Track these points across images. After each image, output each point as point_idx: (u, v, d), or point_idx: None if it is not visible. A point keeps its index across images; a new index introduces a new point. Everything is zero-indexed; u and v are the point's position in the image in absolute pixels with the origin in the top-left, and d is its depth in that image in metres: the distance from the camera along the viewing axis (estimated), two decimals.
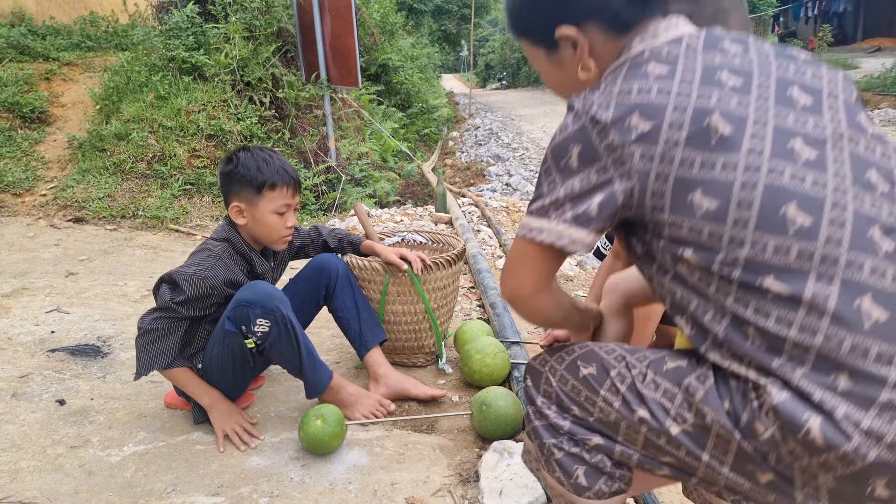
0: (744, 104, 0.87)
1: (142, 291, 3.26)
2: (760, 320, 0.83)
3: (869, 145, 0.89)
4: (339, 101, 6.74)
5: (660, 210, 0.90)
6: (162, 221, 4.68)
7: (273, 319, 1.76)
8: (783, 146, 0.84)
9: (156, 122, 5.35)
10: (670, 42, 0.96)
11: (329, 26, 5.68)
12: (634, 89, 0.90)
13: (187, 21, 5.82)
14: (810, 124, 0.87)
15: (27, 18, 7.45)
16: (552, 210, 0.94)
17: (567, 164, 0.93)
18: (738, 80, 0.89)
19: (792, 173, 0.83)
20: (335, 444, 1.78)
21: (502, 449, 1.72)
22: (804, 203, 0.82)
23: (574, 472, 1.04)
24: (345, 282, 2.15)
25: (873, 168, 0.86)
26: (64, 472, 1.71)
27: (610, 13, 0.99)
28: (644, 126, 0.87)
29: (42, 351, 2.48)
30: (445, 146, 11.46)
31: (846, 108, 0.92)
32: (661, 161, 0.87)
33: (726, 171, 0.84)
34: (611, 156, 0.90)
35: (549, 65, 1.10)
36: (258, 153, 1.86)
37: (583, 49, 1.02)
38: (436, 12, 23.23)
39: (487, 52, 45.45)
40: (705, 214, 0.85)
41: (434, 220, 4.75)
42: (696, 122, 0.86)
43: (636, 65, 0.94)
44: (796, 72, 0.93)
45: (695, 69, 0.90)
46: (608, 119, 0.89)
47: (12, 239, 4.14)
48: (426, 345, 2.36)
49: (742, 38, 0.97)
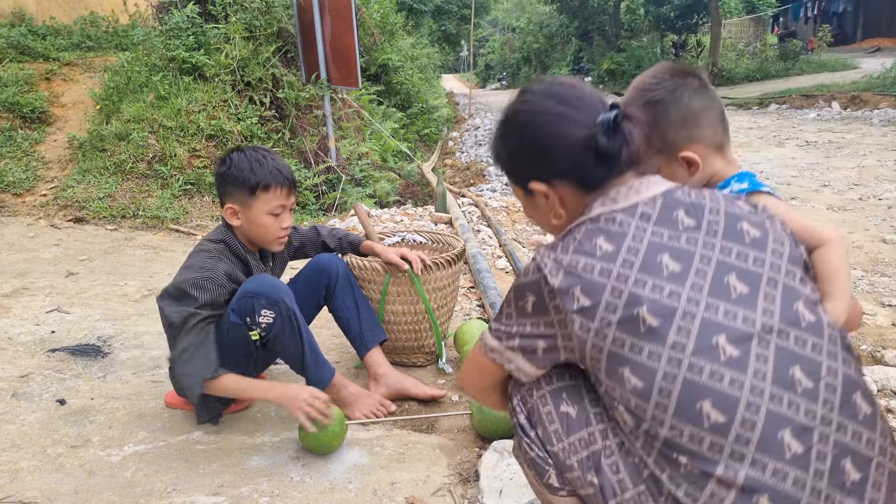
0: (676, 295, 0.92)
1: (142, 291, 3.26)
2: (672, 487, 0.90)
3: (800, 338, 0.91)
4: (339, 102, 6.74)
5: (597, 371, 0.99)
6: (162, 221, 4.68)
7: (277, 311, 1.77)
8: (707, 342, 0.89)
9: (156, 122, 5.35)
10: (626, 210, 1.01)
11: (329, 26, 5.68)
12: (581, 264, 0.97)
13: (187, 21, 5.82)
14: (740, 318, 0.91)
15: (27, 18, 7.45)
16: (506, 338, 1.07)
17: (523, 307, 1.03)
18: (677, 266, 0.94)
19: (711, 371, 0.88)
20: (335, 443, 1.78)
21: (502, 449, 1.73)
22: (719, 402, 0.87)
23: (546, 474, 1.08)
24: (345, 282, 2.15)
25: (798, 365, 0.89)
26: (64, 472, 1.71)
27: (577, 176, 1.06)
28: (584, 301, 0.95)
29: (42, 351, 2.48)
30: (445, 146, 11.46)
31: (784, 295, 0.94)
32: (597, 335, 0.95)
33: (651, 359, 0.91)
34: (557, 316, 0.99)
35: (526, 203, 1.18)
36: (252, 154, 1.83)
37: (554, 202, 1.10)
38: (436, 12, 23.22)
39: (487, 52, 45.46)
40: (633, 389, 0.93)
41: (434, 220, 4.75)
42: (628, 308, 0.92)
43: (589, 234, 1.00)
44: (738, 255, 0.96)
45: (638, 250, 0.96)
46: (556, 285, 0.97)
47: (12, 239, 4.14)
48: (426, 345, 2.37)
49: (698, 207, 1.00)
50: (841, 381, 0.90)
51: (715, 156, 1.32)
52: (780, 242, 0.99)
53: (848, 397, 0.89)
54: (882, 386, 2.17)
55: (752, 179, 1.29)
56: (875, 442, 0.88)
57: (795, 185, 5.62)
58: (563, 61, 28.91)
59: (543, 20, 31.04)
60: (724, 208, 1.01)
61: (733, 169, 1.33)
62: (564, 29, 28.50)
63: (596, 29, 26.13)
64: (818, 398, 0.87)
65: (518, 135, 1.11)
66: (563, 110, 1.05)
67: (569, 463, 1.04)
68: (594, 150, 1.02)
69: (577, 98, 1.07)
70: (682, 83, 1.28)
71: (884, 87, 11.00)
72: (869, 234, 4.10)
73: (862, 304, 2.93)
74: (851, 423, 0.88)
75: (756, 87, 15.86)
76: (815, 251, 1.10)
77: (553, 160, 1.07)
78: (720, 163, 1.32)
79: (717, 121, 1.31)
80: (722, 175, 1.32)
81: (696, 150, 1.28)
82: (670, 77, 1.29)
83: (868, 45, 21.17)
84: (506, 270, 3.62)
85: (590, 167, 1.04)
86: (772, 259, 0.97)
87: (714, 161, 1.32)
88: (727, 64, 19.08)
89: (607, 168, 1.04)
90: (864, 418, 0.89)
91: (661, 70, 1.32)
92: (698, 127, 1.29)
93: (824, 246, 1.11)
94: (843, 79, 13.50)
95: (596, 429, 1.03)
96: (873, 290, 3.14)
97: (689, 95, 1.27)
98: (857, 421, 0.88)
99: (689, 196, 1.02)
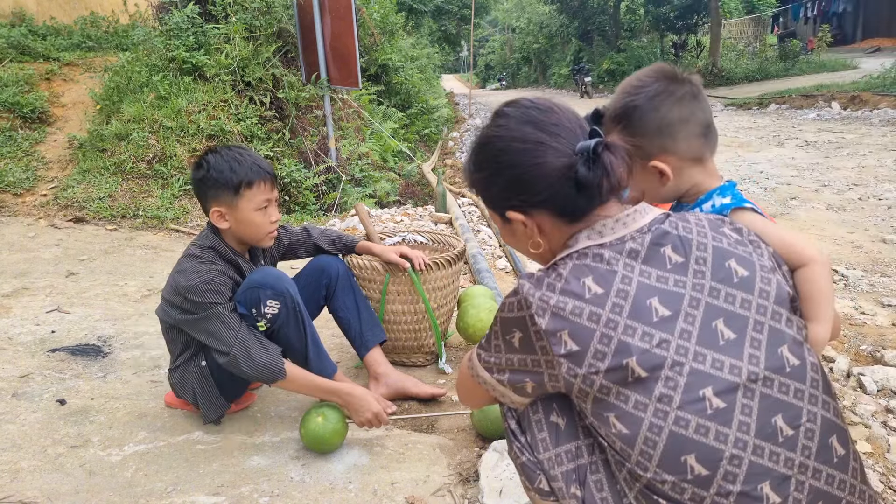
0: (665, 343, 0.91)
1: (142, 291, 3.26)
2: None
3: (783, 384, 0.93)
4: (339, 102, 6.75)
5: (583, 408, 0.99)
6: (162, 221, 4.68)
7: (283, 301, 1.78)
8: (695, 394, 0.90)
9: (156, 122, 5.35)
10: (613, 245, 0.98)
11: (329, 27, 5.69)
12: (569, 307, 0.94)
13: (188, 21, 5.82)
14: (726, 368, 0.92)
15: (27, 19, 7.46)
16: (496, 371, 1.06)
17: (510, 341, 1.02)
18: (666, 311, 0.93)
19: (697, 425, 0.89)
20: (336, 441, 1.78)
21: (502, 449, 1.73)
22: (704, 456, 0.89)
23: (537, 479, 1.07)
24: (345, 282, 2.15)
25: (780, 414, 0.91)
26: (64, 472, 1.71)
27: (556, 206, 1.02)
28: (572, 346, 0.94)
29: (42, 351, 2.48)
30: (445, 146, 11.45)
31: (770, 339, 0.95)
32: (584, 381, 0.94)
33: (637, 409, 0.91)
34: (544, 356, 0.97)
35: (504, 229, 1.15)
36: (227, 153, 1.80)
37: (532, 231, 1.07)
38: (436, 13, 23.22)
39: (487, 52, 45.46)
40: (618, 434, 0.93)
41: (434, 220, 4.75)
42: (617, 357, 0.91)
43: (577, 271, 0.97)
44: (727, 298, 0.96)
45: (627, 293, 0.94)
46: (543, 327, 0.95)
47: (13, 239, 4.14)
48: (426, 344, 2.37)
49: (686, 242, 0.98)
50: (819, 424, 0.93)
51: (693, 168, 1.29)
52: (767, 281, 0.98)
53: (825, 441, 0.93)
54: (882, 386, 2.17)
55: (736, 193, 1.27)
56: (846, 482, 0.93)
57: (795, 185, 5.62)
58: (563, 61, 28.89)
59: (543, 20, 31.04)
60: (712, 242, 0.99)
61: (715, 181, 1.30)
62: (564, 29, 28.49)
63: (596, 29, 26.14)
64: (797, 446, 0.91)
65: (493, 162, 1.05)
66: (541, 137, 1.00)
67: (553, 473, 1.04)
68: (574, 180, 0.98)
69: (555, 124, 1.02)
70: (666, 90, 1.24)
71: (883, 87, 10.99)
72: (869, 234, 4.11)
73: (862, 303, 2.94)
74: (826, 468, 0.92)
75: (756, 88, 15.85)
76: (798, 270, 1.10)
77: (530, 190, 1.02)
78: (699, 175, 1.29)
79: (696, 134, 1.27)
80: (703, 187, 1.29)
81: (668, 162, 1.26)
82: (656, 82, 1.25)
83: (868, 45, 21.17)
84: (506, 270, 3.62)
85: (569, 197, 1.00)
86: (759, 301, 0.97)
87: (692, 173, 1.29)
88: (727, 64, 19.07)
89: (588, 198, 1.00)
90: (838, 460, 0.94)
91: (650, 73, 1.28)
92: (673, 139, 1.25)
93: (808, 266, 1.10)
94: (842, 79, 13.49)
95: (583, 443, 1.03)
96: (873, 290, 3.14)
97: (668, 105, 1.24)
98: (831, 465, 0.93)
99: (676, 228, 1.00)
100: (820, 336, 1.05)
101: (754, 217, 1.22)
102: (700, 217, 1.05)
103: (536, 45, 32.54)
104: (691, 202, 1.31)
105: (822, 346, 1.06)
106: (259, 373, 1.73)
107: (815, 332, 1.05)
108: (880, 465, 1.76)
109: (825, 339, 1.06)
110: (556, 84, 29.34)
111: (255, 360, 1.72)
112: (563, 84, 28.09)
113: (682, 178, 1.29)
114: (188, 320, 1.77)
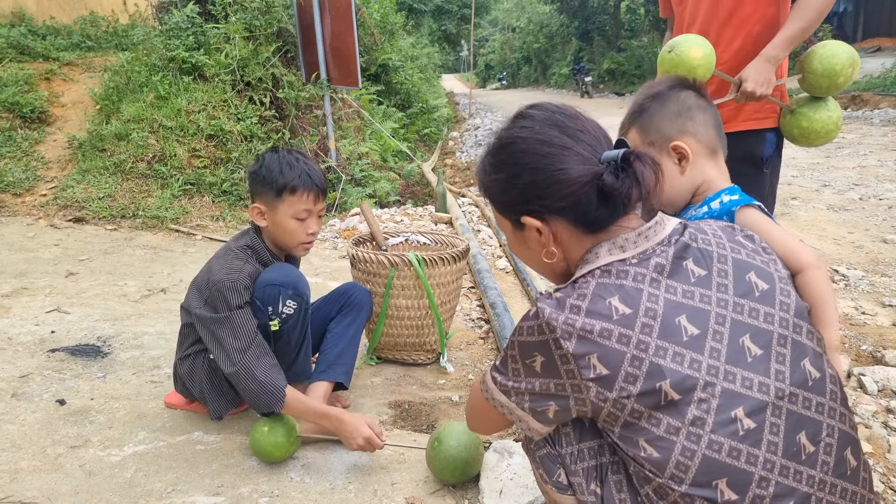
0: (696, 364, 0.90)
1: (142, 291, 3.26)
2: None
3: (807, 399, 0.94)
4: (339, 101, 6.74)
5: (609, 431, 0.97)
6: (162, 221, 4.68)
7: (300, 303, 1.78)
8: (727, 414, 0.89)
9: (156, 122, 5.34)
10: (638, 261, 0.96)
11: (329, 26, 5.69)
12: (597, 329, 0.91)
13: (187, 21, 5.81)
14: (755, 386, 0.91)
15: (27, 18, 7.45)
16: (515, 395, 1.02)
17: (531, 365, 0.97)
18: (695, 329, 0.92)
19: (730, 448, 0.89)
20: (277, 454, 1.72)
21: (502, 449, 1.72)
22: (734, 480, 0.88)
23: (556, 472, 1.07)
24: (358, 311, 2.08)
25: (804, 431, 0.92)
26: (64, 472, 1.71)
27: (577, 215, 0.99)
28: (602, 370, 0.91)
29: (42, 351, 2.48)
30: (445, 146, 11.45)
31: (793, 353, 0.95)
32: (615, 405, 0.92)
33: (669, 432, 0.90)
34: (570, 380, 0.94)
35: (514, 237, 1.10)
36: (284, 156, 1.80)
37: (547, 239, 1.02)
38: (436, 12, 23.23)
39: (487, 52, 45.46)
40: (648, 458, 0.92)
41: (434, 220, 4.75)
42: (649, 380, 0.89)
43: (602, 290, 0.93)
44: (751, 313, 0.95)
45: (656, 312, 0.91)
46: (570, 350, 0.92)
47: (12, 239, 4.14)
48: (428, 342, 2.36)
49: (706, 254, 0.98)
50: (837, 438, 0.94)
51: (708, 160, 1.33)
52: (787, 294, 0.99)
53: (840, 455, 0.94)
54: (882, 386, 2.17)
55: (743, 192, 1.31)
56: (857, 494, 0.95)
57: (796, 185, 5.62)
58: (563, 61, 28.92)
59: (543, 20, 31.07)
60: (731, 254, 0.99)
61: (725, 183, 1.34)
62: (564, 29, 28.52)
63: (596, 29, 26.15)
64: (817, 462, 0.92)
65: (514, 164, 1.01)
66: (566, 142, 0.97)
67: (574, 468, 1.03)
68: (599, 189, 0.95)
69: (580, 130, 0.98)
70: (682, 85, 1.36)
71: (884, 87, 10.99)
72: (869, 234, 4.10)
73: (862, 304, 2.94)
74: (841, 482, 0.93)
75: None
76: (798, 276, 1.12)
77: (552, 195, 0.97)
78: (713, 170, 1.33)
79: (712, 124, 1.33)
80: (714, 186, 1.33)
81: (687, 143, 1.31)
82: (673, 82, 1.37)
83: (868, 45, 21.14)
84: (506, 270, 3.62)
85: (592, 207, 0.96)
86: (780, 314, 0.97)
87: (706, 166, 1.33)
88: None
89: (611, 209, 0.97)
90: (851, 473, 0.95)
91: (668, 77, 1.40)
92: (692, 120, 1.32)
93: (807, 272, 1.12)
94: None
95: (606, 441, 1.02)
96: (873, 290, 3.13)
97: (686, 94, 1.34)
98: (845, 478, 0.94)
99: (695, 241, 0.99)
100: (831, 341, 1.07)
101: (760, 216, 1.25)
102: (714, 227, 1.04)
103: (537, 44, 32.55)
104: (699, 202, 1.34)
105: (835, 351, 1.06)
106: (256, 401, 1.68)
107: (826, 338, 1.06)
108: (880, 465, 1.76)
109: (836, 344, 1.07)
110: (557, 84, 29.36)
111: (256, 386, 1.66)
112: (564, 84, 28.11)
113: (697, 168, 1.32)
114: (203, 317, 1.72)
